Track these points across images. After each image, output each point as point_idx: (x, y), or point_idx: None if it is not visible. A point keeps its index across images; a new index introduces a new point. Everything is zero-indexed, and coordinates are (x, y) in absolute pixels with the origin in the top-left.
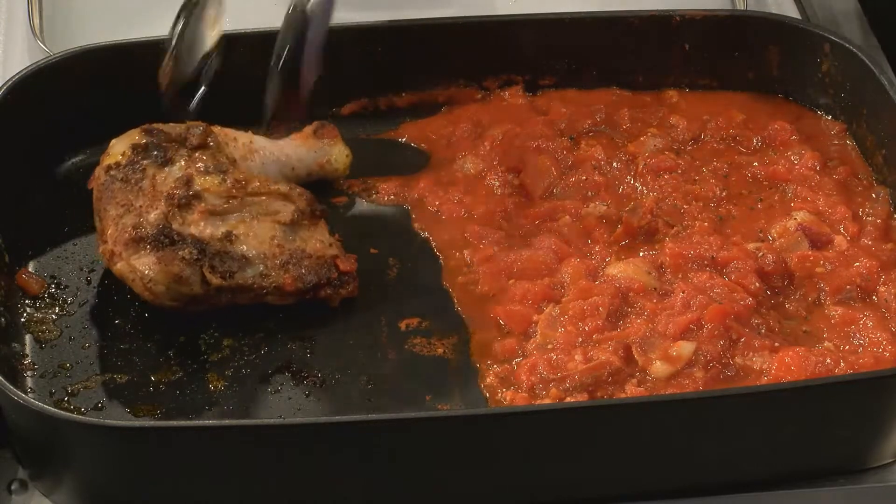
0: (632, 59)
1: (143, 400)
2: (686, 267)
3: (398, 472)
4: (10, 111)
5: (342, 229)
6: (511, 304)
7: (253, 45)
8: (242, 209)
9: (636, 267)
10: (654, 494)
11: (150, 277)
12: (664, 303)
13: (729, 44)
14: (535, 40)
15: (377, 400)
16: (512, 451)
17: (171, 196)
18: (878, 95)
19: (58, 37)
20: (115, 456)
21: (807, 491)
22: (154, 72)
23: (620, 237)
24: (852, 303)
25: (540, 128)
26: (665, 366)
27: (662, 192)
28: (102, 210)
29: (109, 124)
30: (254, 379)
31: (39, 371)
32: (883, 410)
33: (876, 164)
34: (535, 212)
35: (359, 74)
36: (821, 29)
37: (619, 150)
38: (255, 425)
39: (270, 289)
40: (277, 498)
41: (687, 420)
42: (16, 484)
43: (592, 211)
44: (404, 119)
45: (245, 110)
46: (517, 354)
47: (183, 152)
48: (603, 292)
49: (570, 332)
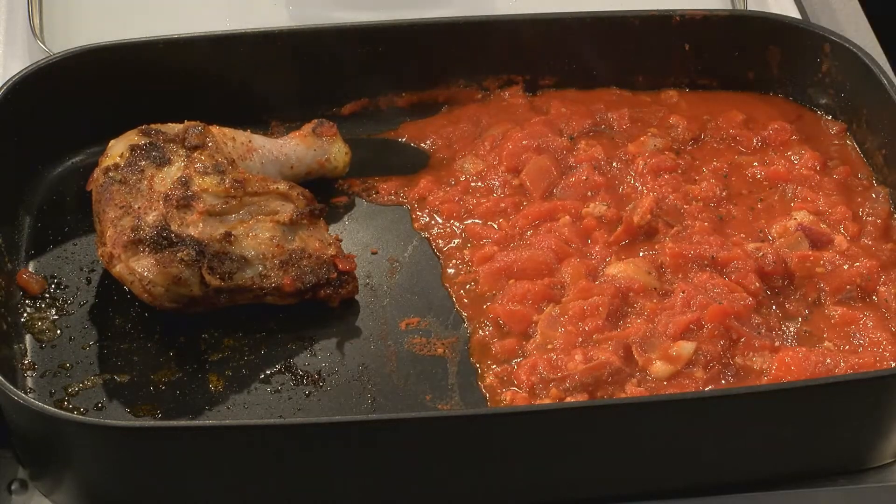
0: (632, 59)
1: (143, 400)
2: (686, 267)
3: (398, 473)
4: (10, 111)
5: (342, 229)
6: (511, 304)
7: (253, 45)
8: (241, 209)
9: (636, 267)
10: (654, 494)
11: (149, 279)
12: (664, 303)
13: (729, 44)
14: (535, 40)
15: (377, 400)
16: (512, 451)
17: (170, 197)
18: (878, 95)
19: (58, 37)
20: (115, 456)
21: (807, 491)
22: (154, 72)
23: (620, 237)
24: (852, 303)
25: (540, 128)
26: (665, 366)
27: (662, 193)
28: (101, 212)
29: (109, 124)
30: (254, 379)
31: (39, 371)
32: (883, 410)
33: (876, 164)
34: (535, 212)
35: (359, 74)
36: (821, 29)
37: (619, 150)
38: (255, 425)
39: (270, 289)
40: (277, 498)
41: (687, 420)
42: (16, 484)
43: (592, 211)
44: (404, 119)
45: (244, 110)
46: (517, 354)
47: (181, 153)
48: (603, 292)
49: (570, 332)
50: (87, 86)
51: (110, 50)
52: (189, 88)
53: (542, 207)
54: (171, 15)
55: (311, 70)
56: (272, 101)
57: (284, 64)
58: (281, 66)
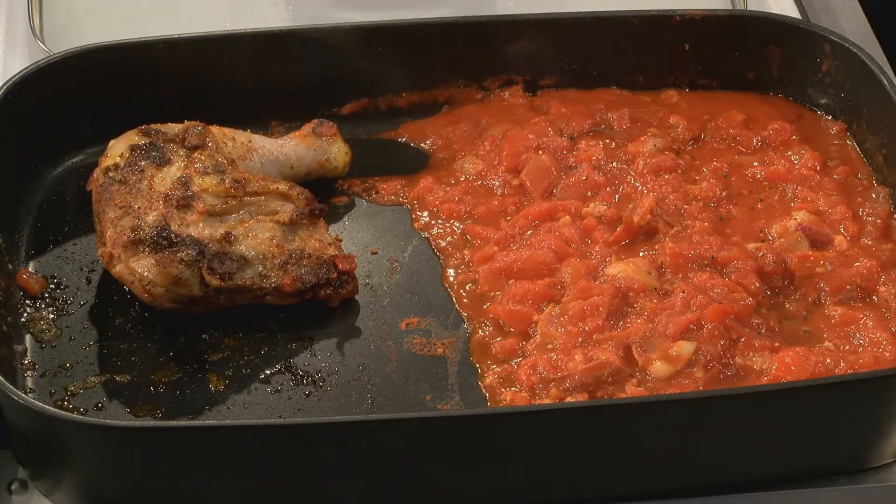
0: (632, 59)
1: (143, 400)
2: (686, 267)
3: (398, 472)
4: (10, 111)
5: (342, 229)
6: (511, 304)
7: (253, 45)
8: (241, 209)
9: (636, 267)
10: (654, 494)
11: (149, 279)
12: (664, 303)
13: (729, 44)
14: (535, 40)
15: (377, 400)
16: (512, 451)
17: (170, 197)
18: (878, 95)
19: (58, 37)
20: (115, 456)
21: (807, 491)
22: (154, 72)
23: (620, 237)
24: (852, 303)
25: (540, 127)
26: (665, 366)
27: (662, 192)
28: (101, 212)
29: (109, 124)
30: (254, 379)
31: (39, 371)
32: (883, 410)
33: (876, 164)
34: (535, 212)
35: (359, 74)
36: (821, 29)
37: (619, 150)
38: (255, 425)
39: (270, 289)
40: (277, 498)
41: (687, 420)
42: (16, 484)
43: (592, 211)
44: (404, 119)
45: (244, 110)
46: (517, 354)
47: (181, 153)
48: (603, 292)
49: (570, 331)
50: (87, 86)
51: (110, 50)
52: (189, 88)
53: (542, 207)
54: (171, 15)
55: (311, 70)
56: (272, 101)
57: (284, 64)
58: (281, 66)
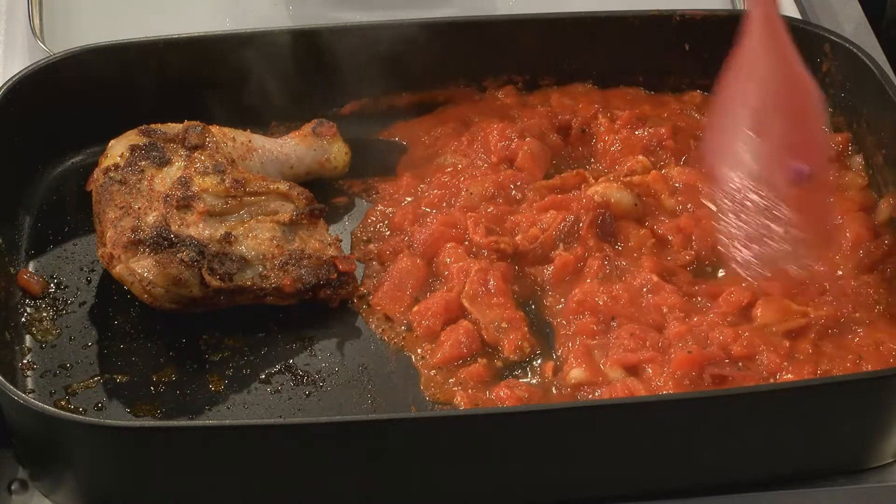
0: (632, 59)
1: (143, 400)
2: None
3: (398, 472)
4: (10, 111)
5: (342, 229)
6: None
7: (253, 45)
8: (241, 209)
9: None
10: (654, 494)
11: (149, 280)
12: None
13: (729, 44)
14: (535, 40)
15: (377, 400)
16: (511, 451)
17: (170, 197)
18: (878, 95)
19: (58, 37)
20: (115, 456)
21: (807, 491)
22: (154, 72)
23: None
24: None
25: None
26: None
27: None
28: (101, 213)
29: (109, 124)
30: (254, 379)
31: (39, 371)
32: (883, 410)
33: (876, 164)
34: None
35: (359, 74)
36: (821, 29)
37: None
38: (255, 425)
39: (270, 290)
40: (277, 498)
41: (686, 420)
42: (16, 484)
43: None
44: (404, 119)
45: (244, 110)
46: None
47: (181, 153)
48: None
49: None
50: (87, 86)
51: (110, 50)
52: (189, 88)
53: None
54: (171, 15)
55: (311, 70)
56: (272, 101)
57: (284, 64)
58: (281, 66)
